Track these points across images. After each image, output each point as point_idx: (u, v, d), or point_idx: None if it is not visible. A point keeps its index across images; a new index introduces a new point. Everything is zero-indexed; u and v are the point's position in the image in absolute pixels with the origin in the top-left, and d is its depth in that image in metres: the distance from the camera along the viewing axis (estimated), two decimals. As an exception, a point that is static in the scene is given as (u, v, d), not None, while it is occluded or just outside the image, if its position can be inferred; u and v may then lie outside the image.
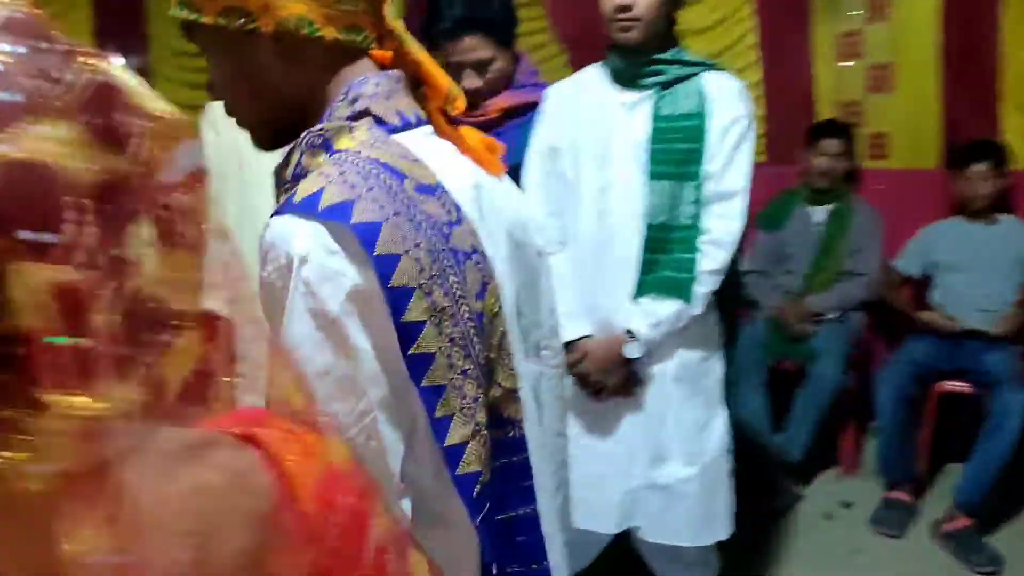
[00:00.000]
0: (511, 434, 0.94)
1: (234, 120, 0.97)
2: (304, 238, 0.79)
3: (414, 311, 0.80)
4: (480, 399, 0.87)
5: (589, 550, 2.22)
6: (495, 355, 0.90)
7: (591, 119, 2.02)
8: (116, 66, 0.48)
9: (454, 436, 0.84)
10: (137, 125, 0.47)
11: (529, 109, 2.15)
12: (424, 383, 0.82)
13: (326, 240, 0.79)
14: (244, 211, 1.98)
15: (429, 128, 0.95)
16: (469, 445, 0.85)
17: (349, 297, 0.79)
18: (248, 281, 0.61)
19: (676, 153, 1.93)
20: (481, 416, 0.87)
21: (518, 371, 0.94)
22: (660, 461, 2.02)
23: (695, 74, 1.97)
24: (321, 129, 0.88)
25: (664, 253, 1.95)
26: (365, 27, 0.91)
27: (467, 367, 0.85)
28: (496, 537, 0.93)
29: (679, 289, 1.94)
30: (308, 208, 0.79)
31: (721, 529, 2.08)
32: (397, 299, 0.79)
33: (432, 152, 0.91)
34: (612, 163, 1.98)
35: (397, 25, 0.94)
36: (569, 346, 2.02)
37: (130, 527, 0.45)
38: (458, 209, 0.88)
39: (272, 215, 0.82)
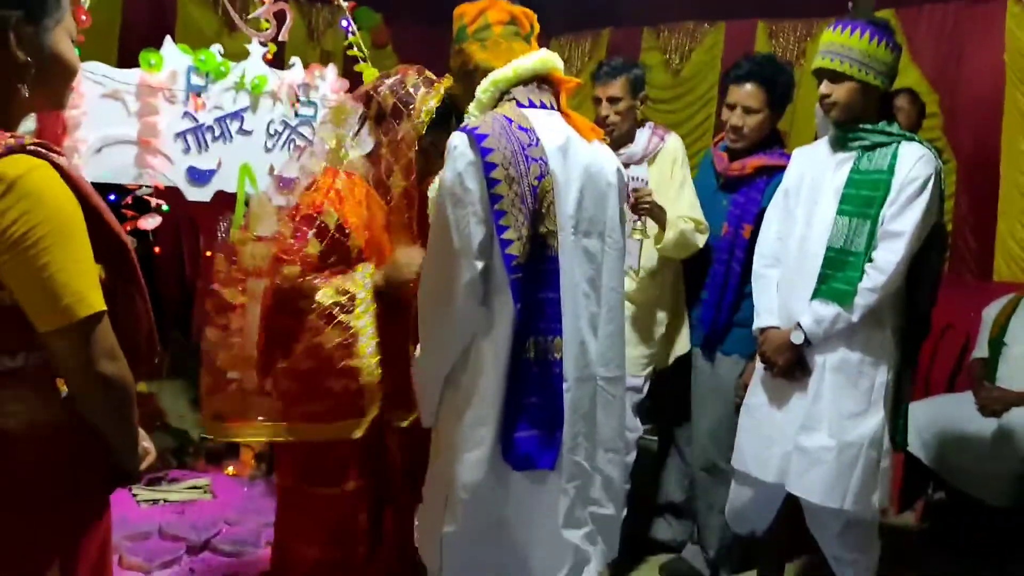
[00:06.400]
0: (548, 253, 1.89)
1: None
2: (458, 139, 1.86)
3: (496, 174, 1.82)
4: (526, 223, 1.83)
5: (771, 506, 2.80)
6: (544, 210, 1.87)
7: (812, 171, 2.73)
8: None
9: (507, 235, 1.82)
10: None
11: (776, 171, 2.96)
12: (496, 207, 1.82)
13: (465, 140, 1.85)
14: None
15: (553, 110, 1.98)
16: (514, 243, 1.82)
17: (468, 163, 1.84)
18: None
19: (861, 198, 2.55)
20: (524, 231, 1.83)
21: (559, 223, 1.88)
22: (809, 430, 2.58)
23: (894, 142, 2.56)
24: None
25: (838, 271, 2.56)
26: None
27: (521, 207, 1.83)
28: (530, 306, 1.86)
29: (841, 298, 2.53)
30: (465, 128, 1.87)
31: (848, 502, 2.52)
32: (488, 167, 1.82)
33: (545, 119, 1.94)
34: (818, 203, 2.66)
35: None
36: (761, 332, 2.72)
37: None
38: (538, 140, 1.88)
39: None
